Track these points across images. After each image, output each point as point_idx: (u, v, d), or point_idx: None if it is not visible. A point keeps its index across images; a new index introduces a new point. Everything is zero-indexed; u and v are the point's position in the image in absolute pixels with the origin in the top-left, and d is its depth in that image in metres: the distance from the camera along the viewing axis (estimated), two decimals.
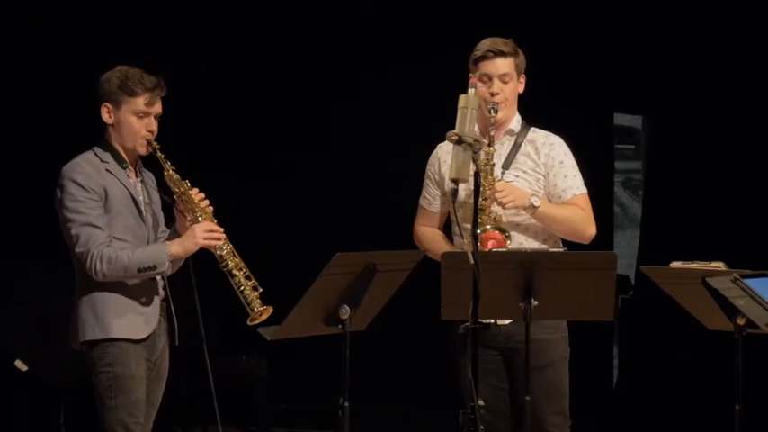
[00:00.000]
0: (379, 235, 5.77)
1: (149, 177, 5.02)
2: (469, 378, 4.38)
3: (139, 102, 4.81)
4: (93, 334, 4.77)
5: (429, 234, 5.25)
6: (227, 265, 4.81)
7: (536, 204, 4.99)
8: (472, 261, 4.18)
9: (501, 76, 5.06)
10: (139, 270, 4.74)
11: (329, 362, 4.68)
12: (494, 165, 5.00)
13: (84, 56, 7.38)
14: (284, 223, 8.14)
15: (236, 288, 4.80)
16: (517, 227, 5.05)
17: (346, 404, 4.52)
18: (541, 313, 4.72)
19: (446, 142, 5.18)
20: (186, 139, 7.59)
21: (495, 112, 5.03)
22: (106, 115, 4.86)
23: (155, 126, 4.85)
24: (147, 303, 4.84)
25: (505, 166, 5.09)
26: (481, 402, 4.28)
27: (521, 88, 5.15)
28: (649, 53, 7.69)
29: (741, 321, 4.58)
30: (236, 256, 4.84)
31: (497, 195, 4.93)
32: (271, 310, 4.77)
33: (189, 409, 7.22)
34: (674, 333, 6.63)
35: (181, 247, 4.81)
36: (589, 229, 5.11)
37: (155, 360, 4.90)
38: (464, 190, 4.91)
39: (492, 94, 5.04)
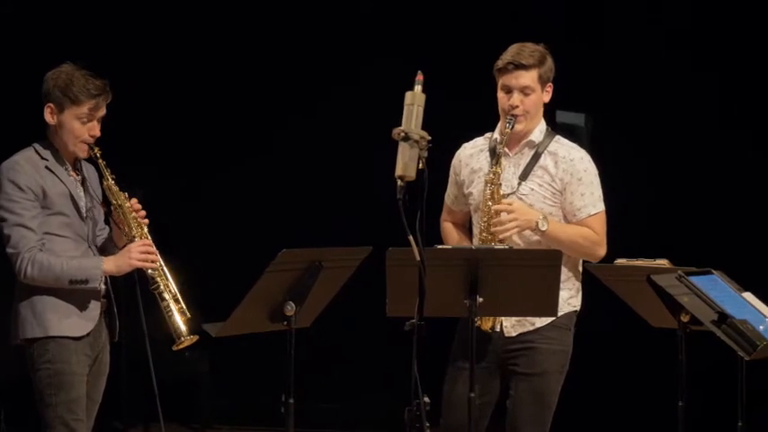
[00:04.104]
0: (329, 233, 5.76)
1: (90, 171, 4.97)
2: (415, 375, 4.35)
3: (83, 108, 4.77)
4: (33, 332, 4.73)
5: (447, 229, 5.26)
6: (158, 287, 4.81)
7: (542, 228, 4.90)
8: (418, 257, 4.16)
9: (522, 89, 4.94)
10: (71, 282, 4.71)
11: (272, 358, 4.66)
12: (500, 185, 4.93)
13: (28, 51, 7.32)
14: (232, 220, 8.10)
15: (164, 312, 4.80)
16: (529, 244, 4.95)
17: (291, 401, 4.49)
18: (486, 310, 4.71)
19: (470, 144, 5.18)
20: (148, 139, 7.63)
21: (512, 126, 4.92)
22: (49, 116, 4.81)
23: (97, 130, 4.82)
24: (88, 300, 4.80)
25: (522, 177, 4.98)
26: (426, 399, 4.25)
27: (546, 97, 5.02)
28: (593, 50, 7.72)
29: (685, 318, 4.60)
30: (168, 278, 4.84)
31: (502, 219, 4.86)
32: (196, 338, 4.80)
33: (131, 406, 7.18)
34: (619, 330, 6.66)
35: (114, 266, 4.80)
36: (597, 252, 5.01)
37: (95, 356, 4.87)
38: (480, 195, 4.95)
39: (511, 107, 4.94)
